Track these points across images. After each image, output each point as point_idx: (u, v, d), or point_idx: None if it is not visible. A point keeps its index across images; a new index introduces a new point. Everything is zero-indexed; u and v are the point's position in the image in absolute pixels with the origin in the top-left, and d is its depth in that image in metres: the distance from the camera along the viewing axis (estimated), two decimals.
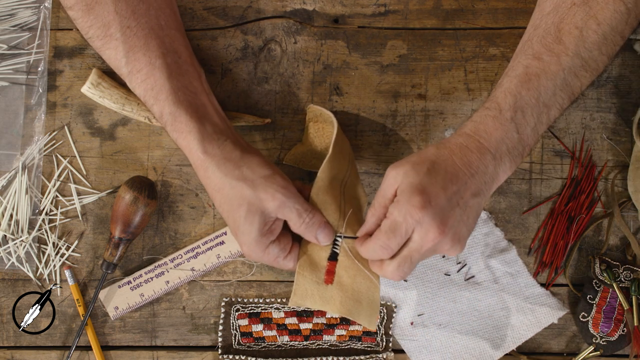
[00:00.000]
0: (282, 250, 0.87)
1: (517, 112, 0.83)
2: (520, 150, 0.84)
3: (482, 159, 0.82)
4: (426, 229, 0.79)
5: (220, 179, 0.86)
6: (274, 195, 0.84)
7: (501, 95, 0.84)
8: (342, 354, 1.01)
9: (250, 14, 1.02)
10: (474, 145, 0.82)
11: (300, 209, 0.85)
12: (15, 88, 1.01)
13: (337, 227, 0.88)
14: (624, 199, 1.02)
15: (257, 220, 0.84)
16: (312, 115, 0.99)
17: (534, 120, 0.83)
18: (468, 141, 0.82)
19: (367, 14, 1.02)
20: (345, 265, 0.88)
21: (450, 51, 1.02)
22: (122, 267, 1.02)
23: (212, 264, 1.01)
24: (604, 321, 1.00)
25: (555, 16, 0.85)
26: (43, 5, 1.01)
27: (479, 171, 0.82)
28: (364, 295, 0.87)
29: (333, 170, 0.91)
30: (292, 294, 0.87)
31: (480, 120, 0.83)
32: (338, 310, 0.87)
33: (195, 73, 0.91)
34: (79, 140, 1.02)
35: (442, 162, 0.81)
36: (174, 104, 0.87)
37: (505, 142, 0.82)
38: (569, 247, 1.02)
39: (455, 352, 1.01)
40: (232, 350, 1.01)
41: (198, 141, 0.86)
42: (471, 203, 0.82)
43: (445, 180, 0.80)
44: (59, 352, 1.02)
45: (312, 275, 0.88)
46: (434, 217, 0.79)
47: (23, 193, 1.00)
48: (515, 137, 0.83)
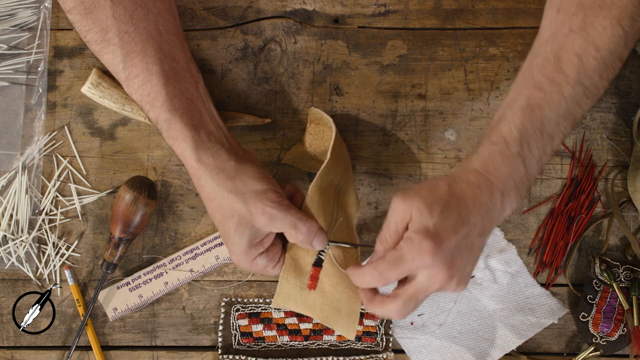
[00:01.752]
0: (271, 261, 0.88)
1: (523, 146, 0.82)
2: (526, 183, 0.83)
3: (491, 198, 0.81)
4: (434, 273, 0.79)
5: (212, 188, 0.86)
6: (263, 210, 0.84)
7: (506, 129, 0.82)
8: (342, 354, 1.01)
9: (250, 14, 1.02)
10: (485, 184, 0.81)
11: (295, 220, 0.85)
12: (15, 88, 1.01)
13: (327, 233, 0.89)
14: (624, 199, 1.02)
15: (247, 233, 0.85)
16: (313, 117, 0.99)
17: (539, 152, 0.82)
18: (479, 180, 0.81)
19: (367, 14, 1.02)
20: (329, 272, 0.89)
21: (450, 51, 1.02)
22: (122, 267, 1.02)
23: (210, 265, 1.01)
24: (604, 321, 1.00)
25: (554, 44, 0.84)
26: (43, 5, 1.01)
27: (488, 211, 0.81)
28: (344, 304, 0.88)
29: (329, 176, 0.91)
30: (276, 295, 0.88)
31: (488, 157, 0.82)
32: (318, 316, 0.88)
33: (192, 80, 0.91)
34: (79, 140, 1.02)
35: (454, 203, 0.80)
36: (169, 111, 0.87)
37: (513, 177, 0.81)
38: (569, 247, 1.02)
39: (455, 352, 1.01)
40: (232, 350, 1.01)
41: (192, 149, 0.86)
42: (478, 243, 0.82)
43: (457, 224, 0.79)
44: (59, 352, 1.02)
45: (295, 280, 0.89)
46: (444, 262, 0.78)
47: (23, 193, 1.00)
48: (522, 170, 0.82)
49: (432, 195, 0.80)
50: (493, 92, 1.02)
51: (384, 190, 1.02)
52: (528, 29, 1.02)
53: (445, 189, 0.81)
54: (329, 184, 0.91)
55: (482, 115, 1.02)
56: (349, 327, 0.88)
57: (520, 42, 1.02)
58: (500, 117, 0.84)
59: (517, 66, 1.02)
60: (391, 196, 1.01)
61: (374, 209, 1.02)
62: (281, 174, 1.02)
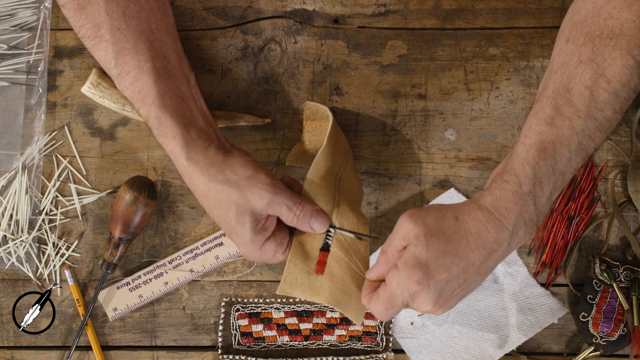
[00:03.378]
0: (279, 246, 0.87)
1: (535, 185, 0.81)
2: (535, 220, 0.82)
3: (498, 237, 0.80)
4: (419, 302, 0.80)
5: (205, 184, 0.86)
6: (260, 194, 0.84)
7: (519, 167, 0.81)
8: (342, 354, 1.01)
9: (250, 14, 1.02)
10: (493, 224, 0.80)
11: (289, 203, 0.85)
12: (15, 88, 1.01)
13: (330, 219, 0.88)
14: (624, 199, 1.02)
15: (248, 220, 0.85)
16: (309, 113, 0.99)
17: (550, 189, 0.82)
18: (487, 218, 0.80)
19: (367, 14, 1.02)
20: (336, 256, 0.88)
21: (450, 51, 1.02)
22: (122, 267, 1.02)
23: (210, 265, 1.01)
24: (604, 321, 1.00)
25: (564, 75, 0.83)
26: (43, 5, 1.01)
27: (492, 252, 0.80)
28: (353, 289, 0.87)
29: (327, 162, 0.91)
30: (282, 281, 0.87)
31: (500, 195, 0.81)
32: (327, 300, 0.87)
33: (184, 78, 0.91)
34: (79, 140, 1.02)
35: (456, 242, 0.79)
36: (160, 109, 0.87)
37: (523, 215, 0.80)
38: (569, 247, 1.02)
39: (455, 352, 1.01)
40: (232, 350, 1.01)
41: (182, 147, 0.86)
42: (473, 279, 0.81)
43: (454, 263, 0.79)
44: (59, 352, 1.02)
45: (303, 265, 0.88)
46: (429, 294, 0.79)
47: (23, 193, 1.00)
48: (532, 209, 0.81)
49: (436, 226, 0.80)
50: (493, 92, 1.02)
51: (384, 190, 1.02)
52: (528, 29, 1.02)
53: (452, 222, 0.80)
54: (328, 171, 0.91)
55: (482, 115, 1.02)
56: (358, 311, 0.88)
57: (520, 42, 1.02)
58: (513, 152, 0.83)
59: (517, 66, 1.02)
60: (391, 196, 1.01)
61: (374, 209, 1.02)
62: (281, 174, 1.02)
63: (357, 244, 0.89)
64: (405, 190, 1.02)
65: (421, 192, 1.02)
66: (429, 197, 1.02)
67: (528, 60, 1.02)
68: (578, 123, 0.81)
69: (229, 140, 0.92)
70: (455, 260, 0.79)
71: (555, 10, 1.02)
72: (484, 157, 1.02)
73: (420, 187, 1.02)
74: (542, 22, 1.02)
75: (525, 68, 1.02)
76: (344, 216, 0.89)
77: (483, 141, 1.02)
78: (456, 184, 1.02)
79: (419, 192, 1.02)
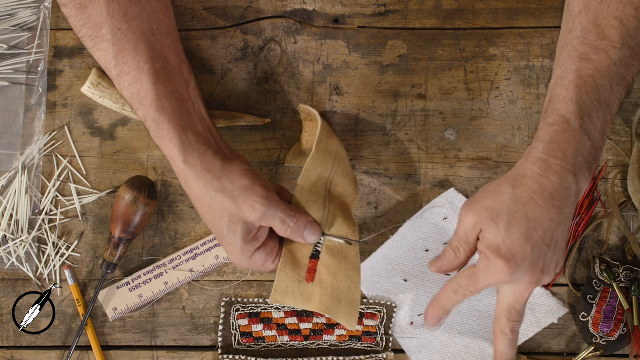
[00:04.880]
0: (269, 255, 0.88)
1: (584, 119, 0.78)
2: (594, 156, 0.80)
3: (563, 183, 0.77)
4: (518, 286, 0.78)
5: (200, 190, 0.86)
6: (254, 206, 0.84)
7: (563, 106, 0.79)
8: (342, 354, 1.01)
9: (250, 14, 1.02)
10: (553, 171, 0.77)
11: (283, 216, 0.85)
12: (15, 88, 1.01)
13: (321, 225, 0.89)
14: (624, 199, 1.02)
15: (240, 230, 0.85)
16: (305, 115, 0.99)
17: (600, 122, 0.80)
18: (545, 169, 0.78)
19: (367, 14, 1.02)
20: (326, 263, 0.88)
21: (450, 51, 1.02)
22: (122, 267, 1.02)
23: (210, 265, 1.01)
24: (604, 321, 1.00)
25: (589, 13, 0.82)
26: (43, 5, 1.01)
27: (562, 200, 0.77)
28: (344, 294, 0.88)
29: (317, 168, 0.91)
30: (273, 291, 0.88)
31: (550, 139, 0.79)
32: (317, 307, 0.87)
33: (183, 80, 0.90)
34: (79, 140, 1.02)
35: (521, 208, 0.77)
36: (158, 111, 0.87)
37: (581, 152, 0.78)
38: (569, 247, 1.02)
39: (455, 352, 1.01)
40: (232, 350, 1.01)
41: (179, 150, 0.86)
42: (559, 233, 0.79)
43: (529, 230, 0.76)
44: (59, 352, 1.02)
45: (293, 273, 0.88)
46: (524, 273, 0.76)
47: (23, 193, 1.00)
48: (588, 144, 0.79)
49: (496, 205, 0.78)
50: (493, 92, 1.02)
51: (384, 190, 1.02)
52: (528, 29, 1.02)
53: (510, 193, 0.78)
54: (318, 177, 0.91)
55: (482, 115, 1.02)
56: (350, 316, 0.88)
57: (520, 42, 1.02)
58: (552, 97, 0.81)
59: (517, 66, 1.02)
60: (391, 196, 1.01)
61: (374, 209, 1.02)
62: (281, 174, 1.02)
63: (347, 250, 0.89)
64: (405, 190, 1.02)
65: (421, 192, 1.02)
66: (429, 197, 1.02)
67: (528, 60, 1.02)
68: (614, 53, 0.80)
69: (230, 143, 0.92)
70: (530, 226, 0.76)
71: (555, 10, 1.02)
72: (484, 157, 1.02)
73: (420, 187, 1.02)
74: (542, 22, 1.02)
75: (525, 68, 1.02)
76: (334, 222, 0.90)
77: (483, 141, 1.02)
78: (456, 184, 1.02)
79: (418, 192, 1.02)
